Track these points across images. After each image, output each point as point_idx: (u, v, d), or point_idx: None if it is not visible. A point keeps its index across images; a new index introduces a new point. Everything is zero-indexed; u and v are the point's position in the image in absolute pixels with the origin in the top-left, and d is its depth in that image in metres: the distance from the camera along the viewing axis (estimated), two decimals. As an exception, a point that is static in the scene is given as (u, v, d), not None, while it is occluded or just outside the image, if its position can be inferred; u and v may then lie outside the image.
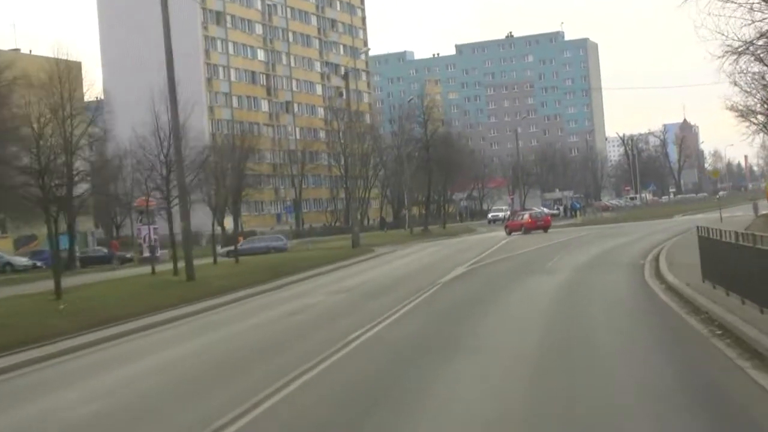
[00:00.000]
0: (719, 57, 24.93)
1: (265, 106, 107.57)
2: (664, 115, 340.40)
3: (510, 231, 62.82)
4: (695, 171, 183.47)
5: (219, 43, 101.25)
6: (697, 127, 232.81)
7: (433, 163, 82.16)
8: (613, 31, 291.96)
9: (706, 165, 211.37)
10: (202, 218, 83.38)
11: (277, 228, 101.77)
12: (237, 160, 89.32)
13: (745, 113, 49.13)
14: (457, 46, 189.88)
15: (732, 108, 50.16)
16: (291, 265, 40.06)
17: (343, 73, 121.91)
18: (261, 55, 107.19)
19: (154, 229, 57.61)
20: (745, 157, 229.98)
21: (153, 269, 38.25)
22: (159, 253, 63.14)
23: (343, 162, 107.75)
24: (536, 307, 19.15)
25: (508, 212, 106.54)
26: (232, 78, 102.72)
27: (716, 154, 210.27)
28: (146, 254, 56.10)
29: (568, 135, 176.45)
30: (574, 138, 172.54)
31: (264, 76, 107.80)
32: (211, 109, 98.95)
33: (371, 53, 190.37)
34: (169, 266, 36.51)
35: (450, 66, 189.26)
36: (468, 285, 25.17)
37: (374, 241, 66.06)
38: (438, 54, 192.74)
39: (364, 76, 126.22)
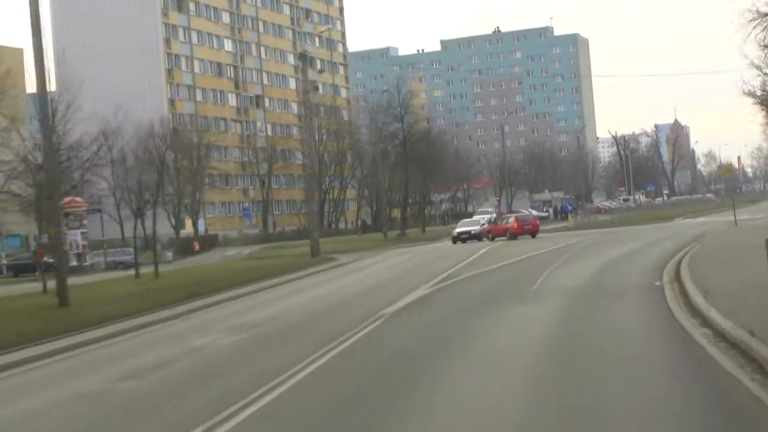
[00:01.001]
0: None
1: (232, 100, 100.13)
2: (655, 115, 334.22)
3: (493, 236, 55.57)
4: (688, 172, 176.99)
5: (181, 31, 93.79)
6: (688, 128, 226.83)
7: (411, 161, 75.02)
8: (604, 27, 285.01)
9: (699, 166, 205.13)
10: (162, 221, 76.42)
11: (245, 231, 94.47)
12: (195, 157, 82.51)
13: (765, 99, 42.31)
14: (442, 42, 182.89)
15: (750, 93, 43.41)
16: (222, 280, 32.75)
17: (319, 67, 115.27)
18: (228, 45, 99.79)
19: (83, 234, 50.40)
20: (738, 158, 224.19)
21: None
22: (92, 261, 56.01)
23: (317, 160, 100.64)
24: (503, 380, 11.62)
25: (492, 216, 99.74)
26: (196, 70, 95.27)
27: (710, 155, 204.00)
28: (73, 262, 48.78)
29: (558, 134, 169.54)
30: (563, 137, 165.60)
31: (231, 68, 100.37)
32: (171, 102, 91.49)
33: (352, 49, 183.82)
34: (99, 277, 29.18)
35: (435, 62, 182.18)
36: (415, 324, 17.70)
37: (342, 248, 58.94)
38: (422, 50, 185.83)
39: (341, 70, 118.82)
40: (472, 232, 56.45)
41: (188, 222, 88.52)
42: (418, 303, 21.55)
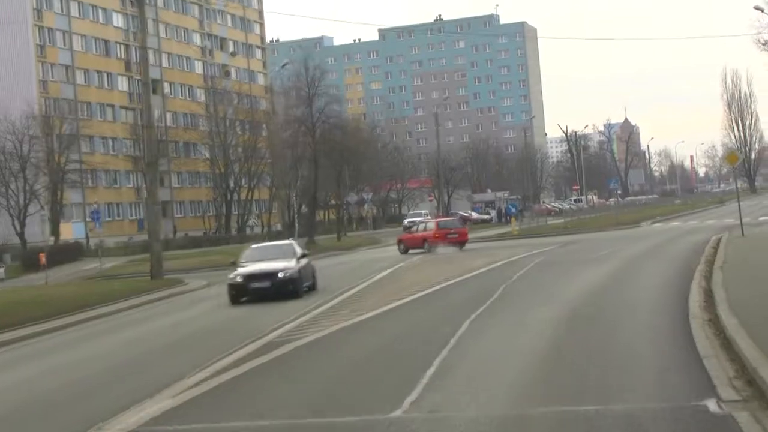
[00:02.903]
0: None
1: (122, 84, 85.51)
2: (606, 115, 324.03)
3: (406, 248, 42.20)
4: (642, 171, 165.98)
5: (57, 1, 78.99)
6: (638, 127, 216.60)
7: (322, 152, 61.40)
8: (554, 15, 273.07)
9: (652, 165, 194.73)
10: (33, 226, 63.47)
11: (136, 238, 79.97)
12: (59, 149, 68.04)
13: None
14: (380, 31, 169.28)
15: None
16: None
17: (231, 49, 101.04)
18: (118, 20, 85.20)
19: None
20: (691, 157, 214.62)
21: None
22: None
23: (223, 155, 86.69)
24: None
25: (424, 219, 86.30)
26: (76, 47, 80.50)
27: (664, 153, 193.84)
28: None
29: (504, 129, 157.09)
30: (510, 133, 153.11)
31: (122, 46, 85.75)
32: (43, 84, 76.69)
33: (282, 39, 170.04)
34: None
35: (372, 53, 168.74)
36: None
37: (219, 262, 45.34)
38: (359, 40, 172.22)
39: (258, 54, 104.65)
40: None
41: (67, 227, 74.03)
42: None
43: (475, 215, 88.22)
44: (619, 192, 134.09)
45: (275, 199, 60.94)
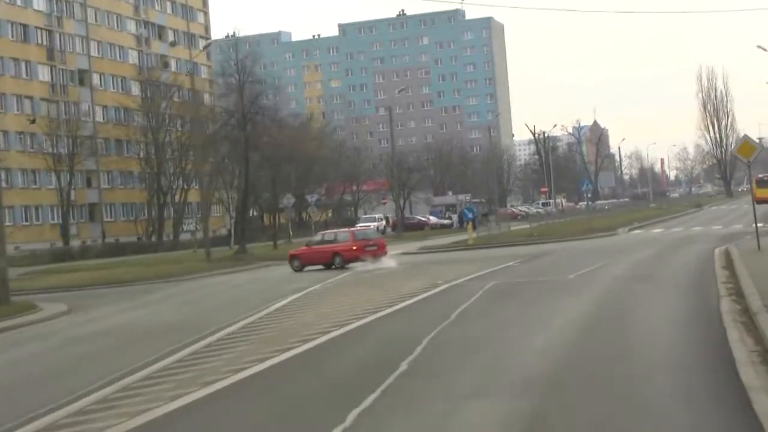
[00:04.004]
0: None
1: (44, 74, 77.10)
2: (575, 115, 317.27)
3: (302, 265, 34.53)
4: (612, 174, 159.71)
5: (-36, -21, 70.69)
6: (607, 130, 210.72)
7: (254, 148, 53.65)
8: (522, 10, 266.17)
9: (623, 167, 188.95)
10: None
11: (60, 245, 71.93)
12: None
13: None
14: (340, 26, 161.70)
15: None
16: None
17: (171, 38, 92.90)
18: (39, 2, 76.78)
19: None
20: (662, 160, 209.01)
21: None
22: None
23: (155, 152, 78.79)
24: None
25: (377, 222, 78.71)
26: (-12, 31, 72.22)
27: (635, 155, 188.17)
28: None
29: (469, 130, 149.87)
30: (475, 133, 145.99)
31: (44, 32, 77.36)
32: (-53, 73, 68.38)
33: (238, 34, 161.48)
34: None
35: (332, 49, 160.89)
36: None
37: (125, 277, 38.04)
38: (318, 35, 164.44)
39: (202, 45, 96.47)
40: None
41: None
42: None
43: (433, 220, 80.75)
44: (589, 195, 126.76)
45: (202, 202, 52.78)
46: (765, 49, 59.16)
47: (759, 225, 28.19)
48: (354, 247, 33.45)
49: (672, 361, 10.83)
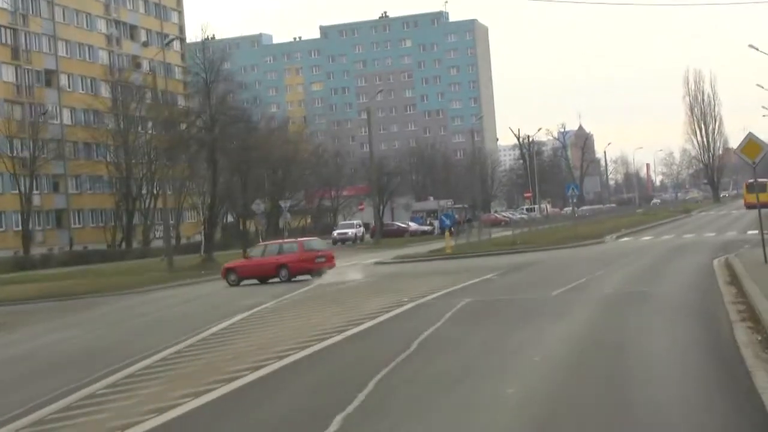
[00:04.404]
0: None
1: (9, 74, 74.04)
2: (560, 119, 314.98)
3: (239, 279, 31.75)
4: (598, 179, 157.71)
5: None
6: (593, 135, 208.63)
7: (222, 151, 50.79)
8: (505, 12, 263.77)
9: (609, 172, 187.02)
10: None
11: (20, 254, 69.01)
12: None
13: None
14: (321, 28, 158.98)
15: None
16: None
17: (144, 38, 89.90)
18: None
19: None
20: (647, 165, 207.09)
21: None
22: None
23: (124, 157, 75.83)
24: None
25: (356, 229, 75.98)
26: (-52, 29, 69.10)
27: (621, 160, 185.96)
28: None
29: (453, 134, 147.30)
30: (459, 137, 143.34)
31: (9, 31, 74.31)
32: None
33: (218, 36, 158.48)
34: None
35: (313, 52, 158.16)
36: None
37: (69, 290, 35.15)
38: (300, 37, 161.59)
39: (177, 45, 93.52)
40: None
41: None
42: None
43: (414, 226, 78.03)
44: (575, 200, 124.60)
45: (164, 208, 49.84)
46: (757, 49, 56.86)
47: (757, 233, 25.53)
48: (302, 258, 30.67)
49: (689, 420, 8.11)
